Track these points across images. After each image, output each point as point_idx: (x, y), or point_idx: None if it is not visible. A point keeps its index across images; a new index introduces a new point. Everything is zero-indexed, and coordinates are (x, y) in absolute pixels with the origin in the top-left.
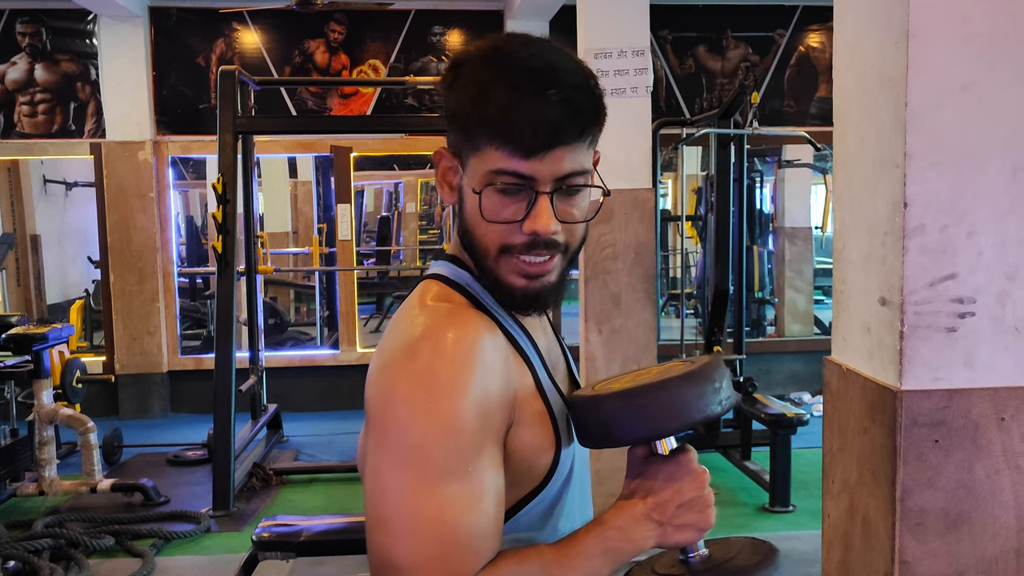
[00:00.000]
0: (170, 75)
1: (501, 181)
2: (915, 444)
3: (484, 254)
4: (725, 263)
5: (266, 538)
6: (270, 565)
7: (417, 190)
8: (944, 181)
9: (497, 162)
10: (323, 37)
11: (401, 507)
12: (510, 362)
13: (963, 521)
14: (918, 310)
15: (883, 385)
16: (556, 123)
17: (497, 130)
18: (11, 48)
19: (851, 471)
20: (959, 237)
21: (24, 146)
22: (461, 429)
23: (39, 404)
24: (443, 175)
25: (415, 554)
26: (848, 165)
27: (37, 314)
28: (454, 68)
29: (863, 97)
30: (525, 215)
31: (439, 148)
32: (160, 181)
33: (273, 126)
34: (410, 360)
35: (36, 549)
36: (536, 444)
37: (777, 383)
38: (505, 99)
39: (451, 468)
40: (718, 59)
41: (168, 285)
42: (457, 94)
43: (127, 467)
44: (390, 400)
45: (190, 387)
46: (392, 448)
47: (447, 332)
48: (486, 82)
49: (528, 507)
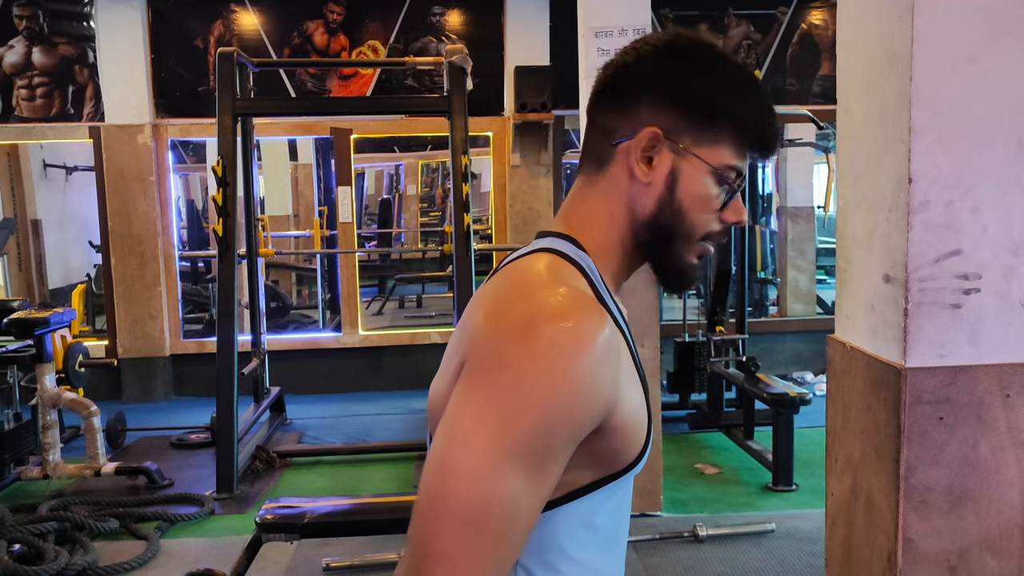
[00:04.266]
0: (168, 58)
1: (731, 177)
2: (919, 421)
3: (687, 236)
4: (727, 243)
5: (270, 520)
6: (274, 547)
7: (418, 172)
8: (949, 156)
9: (732, 158)
10: (322, 18)
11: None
12: (623, 352)
13: (967, 498)
14: (923, 287)
15: (887, 363)
16: (777, 135)
17: (750, 131)
18: (8, 31)
19: (854, 449)
20: (964, 212)
21: (23, 130)
22: (555, 423)
23: (42, 388)
24: (645, 151)
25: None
26: (852, 141)
27: (39, 299)
28: (686, 55)
29: (867, 72)
30: (724, 207)
31: (654, 129)
32: (160, 164)
33: (273, 108)
34: (531, 336)
35: (41, 532)
36: (633, 428)
37: (780, 363)
38: (756, 100)
39: (532, 453)
40: (720, 37)
41: (169, 269)
42: (699, 81)
43: (131, 451)
44: (498, 366)
45: (193, 370)
46: (483, 408)
47: (571, 318)
48: (733, 75)
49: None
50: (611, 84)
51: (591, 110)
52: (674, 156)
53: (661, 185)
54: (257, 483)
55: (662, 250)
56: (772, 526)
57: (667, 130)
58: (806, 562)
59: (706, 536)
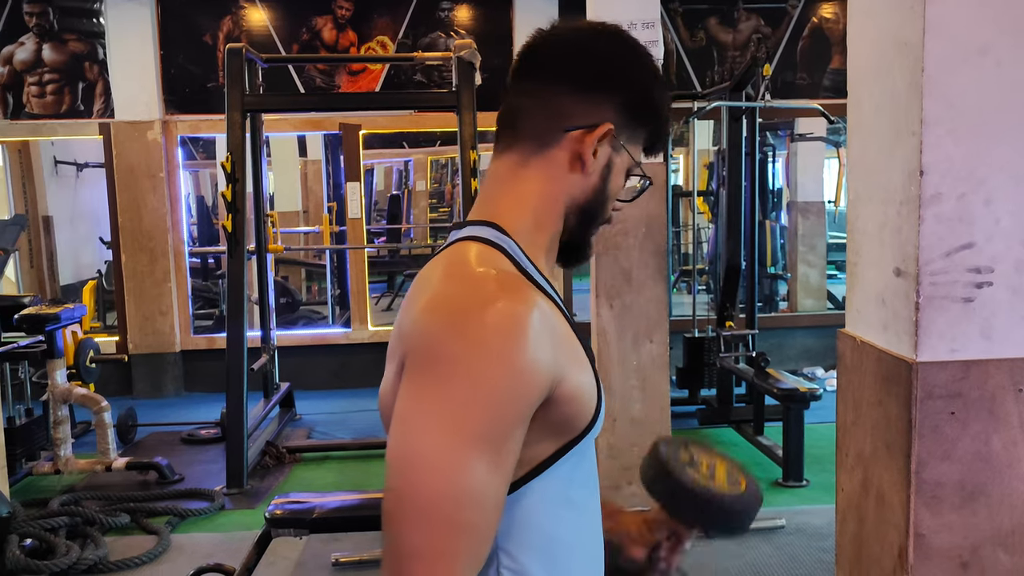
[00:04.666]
0: (178, 54)
1: (636, 171)
2: (931, 416)
3: (600, 222)
4: (737, 238)
5: (279, 515)
6: (284, 542)
7: (427, 168)
8: (961, 148)
9: (639, 154)
10: (331, 14)
11: (430, 466)
12: (557, 325)
13: (980, 493)
14: (934, 280)
15: (898, 357)
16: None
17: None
18: (18, 28)
19: (865, 444)
20: (976, 205)
21: (33, 127)
22: (501, 403)
23: (53, 384)
24: (593, 144)
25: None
26: (863, 133)
27: (50, 295)
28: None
29: (878, 62)
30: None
31: (610, 125)
32: (169, 161)
33: (281, 104)
34: (463, 324)
35: (52, 527)
36: (583, 395)
37: (790, 358)
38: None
39: (486, 438)
40: (729, 31)
41: (179, 265)
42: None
43: (142, 446)
44: (436, 358)
45: (203, 366)
46: (429, 404)
47: (501, 300)
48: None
49: (566, 456)
50: (574, 67)
51: (537, 84)
52: (611, 150)
53: (597, 176)
54: (267, 478)
55: (582, 232)
56: (782, 522)
57: (616, 124)
58: (816, 558)
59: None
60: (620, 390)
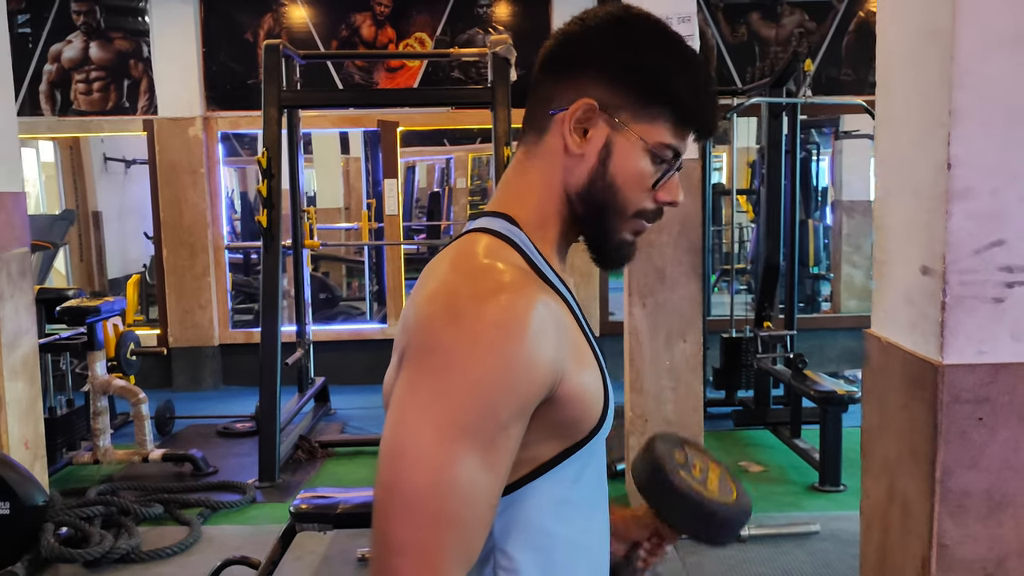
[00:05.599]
0: (219, 51)
1: (664, 154)
2: (957, 422)
3: (618, 212)
4: (776, 237)
5: (304, 510)
6: (311, 536)
7: (468, 165)
8: (994, 140)
9: (668, 136)
10: (369, 11)
11: (416, 448)
12: (563, 323)
13: (1008, 504)
14: (963, 279)
15: (924, 359)
16: (716, 117)
17: (686, 110)
18: (67, 26)
19: (891, 449)
20: (1010, 201)
21: (80, 123)
22: (496, 399)
23: (93, 375)
24: (578, 122)
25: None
26: (892, 125)
27: (99, 288)
28: (630, 32)
29: (908, 52)
30: (656, 184)
31: (590, 101)
32: (210, 157)
33: (317, 100)
34: (462, 316)
35: (88, 516)
36: (588, 397)
37: (831, 360)
38: (695, 80)
39: (478, 432)
40: (772, 26)
41: (219, 260)
42: (640, 59)
43: (179, 438)
44: (434, 349)
45: (241, 360)
46: (423, 394)
47: (502, 295)
48: (675, 55)
49: (570, 459)
50: (554, 52)
51: (536, 77)
52: (610, 130)
53: (594, 158)
54: (299, 472)
55: (594, 224)
56: (817, 527)
57: (605, 103)
58: (850, 565)
59: (748, 536)
60: (652, 390)
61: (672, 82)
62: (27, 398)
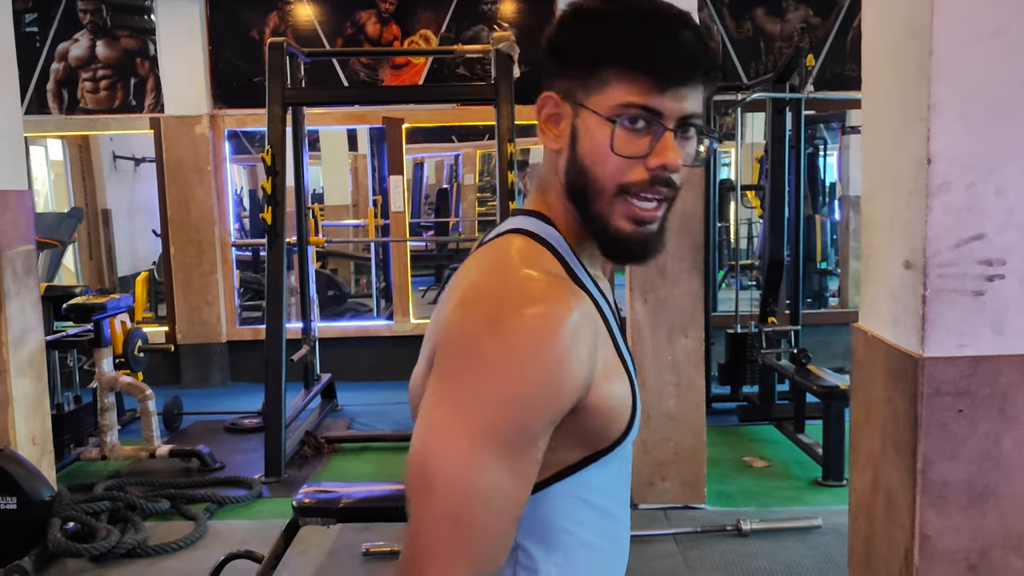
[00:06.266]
0: (225, 49)
1: (630, 115)
2: (937, 414)
3: (598, 195)
4: (780, 233)
5: (307, 504)
6: (316, 531)
7: (476, 162)
8: (972, 134)
9: (626, 96)
10: (374, 8)
11: (447, 452)
12: (597, 332)
13: (989, 494)
14: (942, 272)
15: (906, 352)
16: (691, 58)
17: (631, 61)
18: (73, 25)
19: (875, 442)
20: (987, 195)
21: (87, 122)
22: (530, 411)
23: (100, 372)
24: (546, 120)
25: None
26: (876, 122)
27: (108, 286)
28: (573, 13)
29: (889, 48)
30: (649, 151)
31: (546, 92)
32: (217, 154)
33: (321, 97)
34: (501, 325)
35: (95, 511)
36: (616, 406)
37: (837, 355)
38: (641, 30)
39: (505, 440)
40: (777, 21)
41: (225, 257)
42: (577, 33)
43: (186, 434)
44: (471, 355)
45: (248, 357)
46: (459, 398)
47: (538, 305)
48: (616, 16)
49: (593, 465)
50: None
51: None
52: (572, 115)
53: (567, 148)
54: (305, 468)
55: (585, 216)
56: (819, 522)
57: (562, 91)
58: None
59: (750, 530)
60: (654, 385)
61: (607, 38)
62: (34, 394)
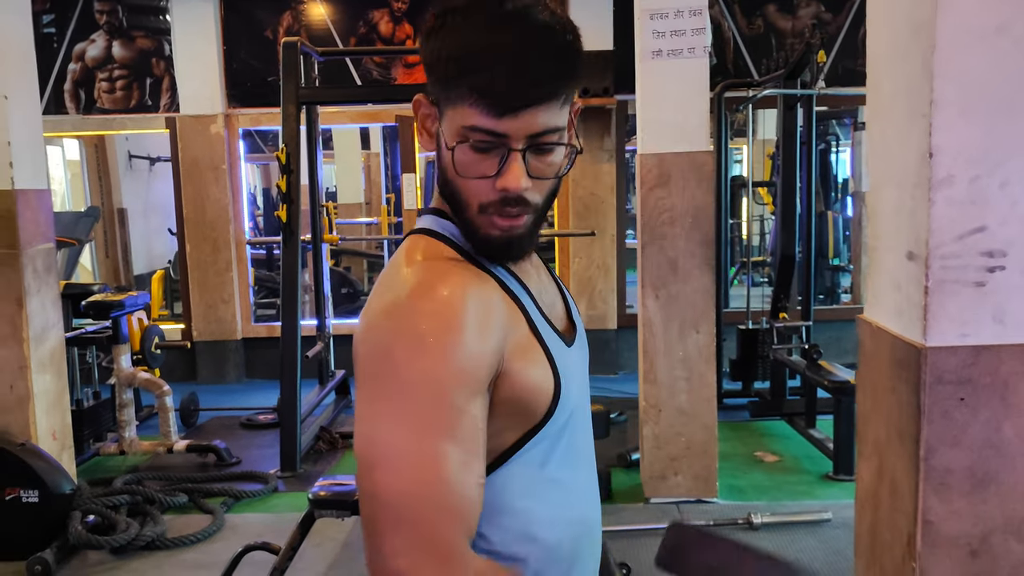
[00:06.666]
0: (240, 49)
1: (475, 139)
2: (940, 402)
3: (463, 207)
4: (791, 229)
5: (322, 496)
6: (331, 523)
7: None
8: (975, 129)
9: (471, 118)
10: (387, 7)
11: (390, 456)
12: (501, 309)
13: (990, 481)
14: (945, 264)
15: (909, 342)
16: (528, 83)
17: (473, 86)
18: (90, 26)
19: (881, 432)
20: (991, 188)
21: (104, 121)
22: (447, 387)
23: (118, 368)
24: (422, 122)
25: (402, 504)
26: (881, 117)
27: (125, 284)
28: (439, 16)
29: (894, 45)
30: (497, 172)
31: (418, 95)
32: (231, 153)
33: (334, 96)
34: (398, 318)
35: (114, 505)
36: (534, 383)
37: (848, 351)
38: (482, 55)
39: (437, 424)
40: (788, 18)
41: (240, 255)
42: (437, 44)
43: (203, 429)
44: (379, 357)
45: (264, 353)
46: (381, 403)
47: (433, 289)
48: (464, 36)
49: (530, 444)
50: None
51: None
52: (438, 121)
53: (437, 155)
54: (320, 462)
55: (459, 220)
56: (829, 515)
57: (432, 97)
58: None
59: (760, 524)
60: (666, 381)
61: (456, 60)
62: (54, 390)
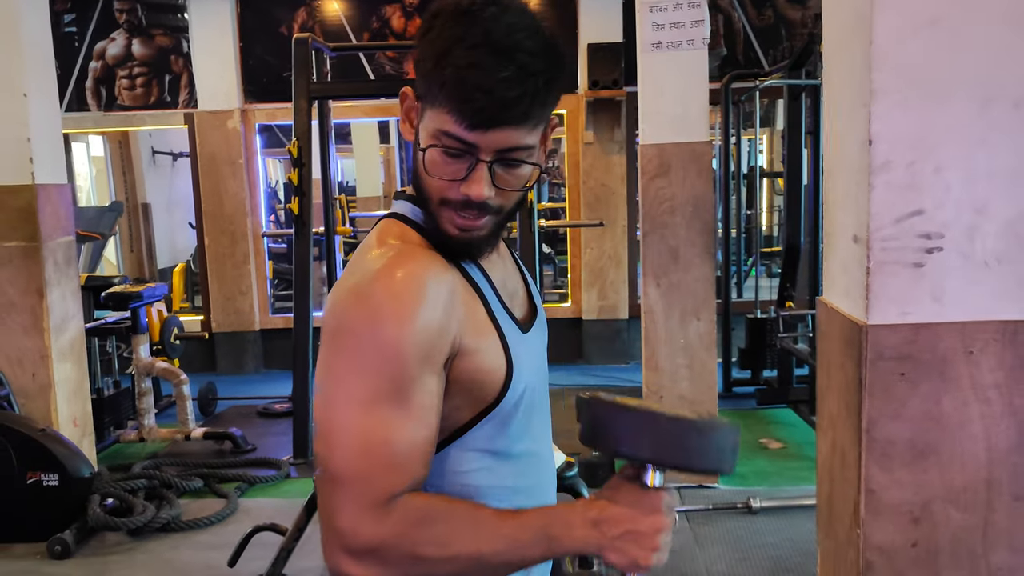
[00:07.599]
0: (255, 46)
1: (446, 143)
2: (881, 377)
3: (428, 200)
4: (797, 218)
5: None
6: None
7: None
8: (911, 117)
9: (446, 124)
10: (399, 3)
11: (340, 422)
12: (458, 295)
13: (930, 452)
14: (885, 246)
15: (854, 321)
16: (502, 104)
17: (450, 97)
18: (110, 25)
19: (833, 406)
20: (926, 173)
21: (125, 118)
22: (400, 358)
23: (137, 358)
24: (406, 113)
25: (345, 465)
26: (832, 107)
27: (148, 277)
28: (431, 18)
29: (840, 36)
30: (464, 177)
31: (406, 87)
32: (248, 148)
33: (345, 90)
34: (361, 295)
35: (132, 489)
36: (486, 365)
37: None
38: (462, 69)
39: (388, 392)
40: (798, 8)
41: (258, 247)
42: (426, 47)
43: (220, 418)
44: (341, 330)
45: (281, 344)
46: (338, 371)
47: (396, 270)
48: (449, 45)
49: (483, 422)
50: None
51: None
52: (419, 118)
53: (414, 144)
54: None
55: (425, 211)
56: None
57: (418, 92)
58: None
59: (759, 508)
60: (667, 368)
61: (439, 70)
62: (75, 379)
